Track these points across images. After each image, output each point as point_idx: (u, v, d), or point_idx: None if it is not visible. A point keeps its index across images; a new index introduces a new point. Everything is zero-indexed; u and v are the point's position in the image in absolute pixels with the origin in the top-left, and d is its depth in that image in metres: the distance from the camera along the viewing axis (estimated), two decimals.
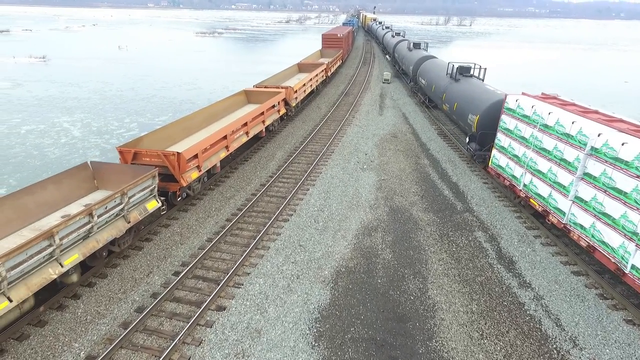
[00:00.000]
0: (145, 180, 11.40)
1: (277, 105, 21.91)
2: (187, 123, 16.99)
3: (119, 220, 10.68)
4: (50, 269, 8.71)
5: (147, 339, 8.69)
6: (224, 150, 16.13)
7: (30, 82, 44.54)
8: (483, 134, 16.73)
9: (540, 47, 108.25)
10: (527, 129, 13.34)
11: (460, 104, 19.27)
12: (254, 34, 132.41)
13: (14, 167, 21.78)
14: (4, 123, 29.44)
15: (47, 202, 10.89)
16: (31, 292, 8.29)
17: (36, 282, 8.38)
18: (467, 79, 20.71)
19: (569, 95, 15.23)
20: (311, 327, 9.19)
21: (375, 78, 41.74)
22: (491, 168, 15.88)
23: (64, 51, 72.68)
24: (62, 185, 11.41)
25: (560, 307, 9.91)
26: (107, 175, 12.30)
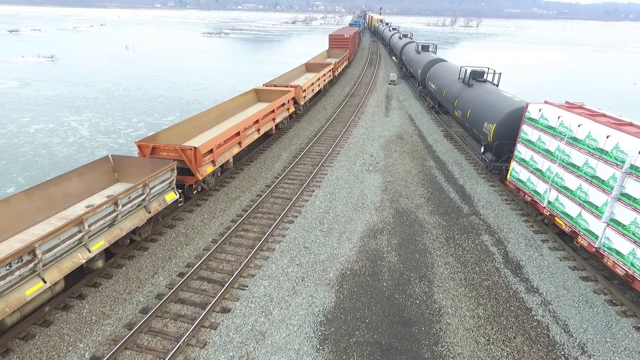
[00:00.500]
0: (165, 172, 11.99)
1: (286, 103, 22.36)
2: (199, 120, 17.52)
3: (140, 210, 11.27)
4: (79, 253, 9.35)
5: (152, 340, 8.68)
6: (237, 146, 16.72)
7: (38, 82, 44.94)
8: (500, 144, 15.66)
9: (548, 49, 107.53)
10: (553, 142, 12.23)
11: (474, 111, 18.26)
12: (260, 35, 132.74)
13: (23, 166, 21.96)
14: (14, 122, 29.71)
15: (72, 193, 11.57)
16: (62, 274, 8.91)
17: (67, 266, 9.03)
18: (480, 84, 19.74)
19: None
20: (316, 330, 9.13)
21: (381, 79, 41.63)
22: (510, 181, 14.80)
23: (72, 51, 73.29)
24: (86, 177, 12.09)
25: (569, 312, 9.78)
26: (127, 168, 12.93)
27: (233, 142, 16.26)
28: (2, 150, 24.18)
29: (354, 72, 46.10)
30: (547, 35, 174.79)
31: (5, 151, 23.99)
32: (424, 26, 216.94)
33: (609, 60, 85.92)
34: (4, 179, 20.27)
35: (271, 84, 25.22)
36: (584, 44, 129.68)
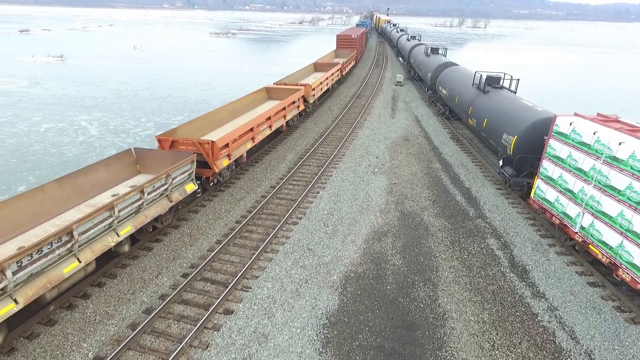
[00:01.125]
0: (186, 164, 12.67)
1: (297, 101, 23.05)
2: (214, 117, 18.27)
3: (163, 199, 12.02)
4: (109, 237, 10.07)
5: (155, 341, 8.69)
6: (251, 142, 17.38)
7: (48, 81, 45.41)
8: (522, 158, 14.49)
9: (558, 50, 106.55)
10: (587, 160, 10.94)
11: (491, 120, 17.11)
12: (267, 35, 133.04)
13: (33, 165, 22.18)
14: (25, 121, 30.04)
15: (98, 183, 12.29)
16: (95, 255, 9.64)
17: (99, 248, 9.76)
18: (497, 91, 18.64)
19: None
20: (319, 333, 9.09)
21: (387, 80, 41.49)
22: (534, 201, 13.47)
23: (81, 51, 73.98)
24: (111, 168, 12.81)
25: (575, 318, 9.64)
26: (149, 160, 13.64)
27: (247, 137, 16.95)
28: (13, 149, 24.45)
29: (361, 73, 46.00)
30: (556, 36, 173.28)
31: (16, 150, 24.26)
32: (431, 27, 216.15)
33: (620, 61, 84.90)
34: (15, 177, 20.49)
35: (281, 83, 25.90)
36: (593, 45, 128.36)
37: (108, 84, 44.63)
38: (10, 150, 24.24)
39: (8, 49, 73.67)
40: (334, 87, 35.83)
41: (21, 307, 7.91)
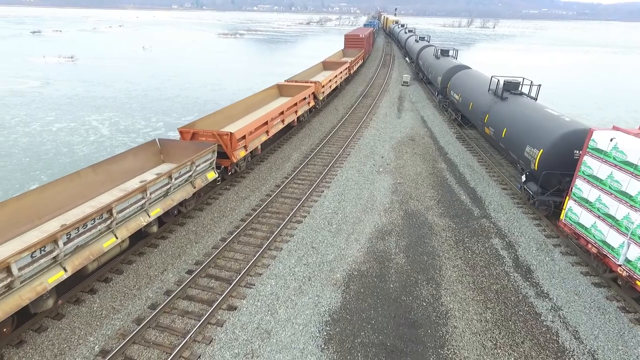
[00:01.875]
0: (207, 153, 13.71)
1: (307, 97, 24.10)
2: (230, 111, 19.30)
3: (187, 185, 13.06)
4: (141, 217, 11.09)
5: (159, 335, 8.83)
6: (265, 135, 18.42)
7: (60, 81, 46.08)
8: (548, 174, 13.10)
9: (568, 50, 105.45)
10: (633, 183, 9.55)
11: (512, 130, 15.78)
12: (275, 36, 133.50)
13: (45, 164, 22.56)
14: (38, 120, 30.55)
15: (127, 170, 13.35)
16: (129, 233, 10.59)
17: (132, 226, 10.73)
18: (516, 98, 17.34)
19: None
20: (321, 330, 9.15)
21: (394, 80, 41.44)
22: (565, 224, 12.02)
23: (91, 51, 74.93)
24: (138, 157, 13.83)
25: (579, 319, 9.59)
26: (172, 150, 14.72)
27: (262, 130, 17.96)
28: (27, 148, 24.89)
29: (367, 73, 45.99)
30: (567, 36, 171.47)
31: (29, 149, 24.69)
32: (439, 27, 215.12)
33: (632, 62, 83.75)
34: (29, 176, 20.86)
35: (292, 80, 27.13)
36: (605, 45, 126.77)
37: (118, 85, 45.16)
38: (24, 149, 24.68)
39: (20, 50, 74.88)
40: (342, 85, 36.59)
41: (69, 275, 8.91)
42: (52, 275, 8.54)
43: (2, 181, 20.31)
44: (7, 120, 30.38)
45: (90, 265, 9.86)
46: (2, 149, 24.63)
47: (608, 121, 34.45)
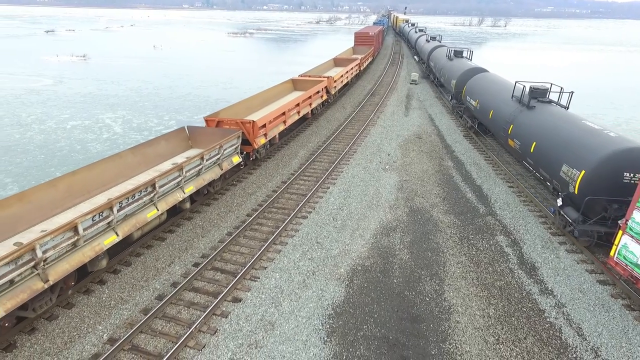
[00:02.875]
0: (233, 139, 15.09)
1: (320, 91, 25.43)
2: (248, 103, 20.66)
3: (215, 167, 14.37)
4: (177, 193, 12.47)
5: (166, 325, 9.03)
6: (282, 124, 19.75)
7: (73, 80, 46.86)
8: (592, 200, 11.29)
9: (583, 49, 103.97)
10: None
11: (543, 145, 13.77)
12: (285, 35, 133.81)
13: (59, 160, 23.02)
14: (53, 118, 31.17)
15: (160, 153, 14.71)
16: (167, 207, 11.99)
17: (170, 200, 12.17)
18: (545, 107, 15.32)
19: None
20: (324, 323, 9.27)
21: (402, 79, 41.34)
22: (617, 263, 10.14)
23: (103, 50, 76.00)
24: (169, 142, 15.21)
25: (583, 316, 9.56)
26: (199, 136, 16.05)
27: (280, 120, 19.29)
28: (42, 145, 25.43)
29: (376, 72, 45.94)
30: (581, 35, 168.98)
31: (44, 146, 25.22)
32: (450, 26, 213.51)
33: None
34: (44, 172, 21.30)
35: (306, 75, 28.60)
36: (620, 44, 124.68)
37: (130, 83, 45.77)
38: (39, 146, 25.22)
39: (34, 49, 76.24)
40: (352, 81, 37.83)
41: (120, 239, 10.25)
42: (107, 238, 9.94)
43: (19, 177, 20.80)
44: (24, 118, 31.05)
45: (136, 233, 11.16)
46: (19, 146, 25.20)
47: (623, 121, 34.02)
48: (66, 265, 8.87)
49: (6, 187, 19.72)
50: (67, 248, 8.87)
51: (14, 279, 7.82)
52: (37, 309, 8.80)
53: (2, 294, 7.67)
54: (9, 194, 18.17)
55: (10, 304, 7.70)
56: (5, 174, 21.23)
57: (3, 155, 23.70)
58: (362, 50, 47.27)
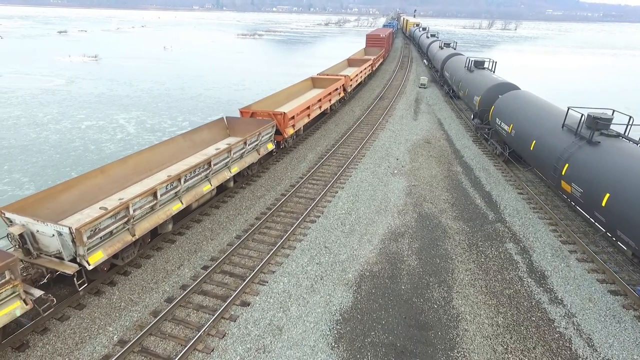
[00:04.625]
0: (269, 127, 17.21)
1: (338, 89, 27.19)
2: (274, 98, 22.50)
3: (254, 152, 16.44)
4: (225, 172, 14.45)
5: (175, 328, 9.12)
6: (307, 117, 21.73)
7: (85, 80, 47.51)
8: None
9: (597, 53, 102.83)
10: None
11: (622, 199, 10.44)
12: (294, 37, 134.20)
13: (74, 160, 23.37)
14: (69, 118, 31.66)
15: (204, 140, 16.77)
16: (218, 183, 13.98)
17: (220, 177, 14.14)
18: (613, 143, 12.05)
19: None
20: (332, 329, 9.29)
21: (411, 83, 41.24)
22: None
23: (114, 51, 76.89)
24: (211, 130, 17.36)
25: (594, 326, 9.46)
26: (236, 126, 18.08)
27: (305, 113, 21.24)
28: (57, 144, 25.84)
29: (384, 76, 45.88)
30: (593, 38, 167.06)
31: (59, 146, 25.62)
32: (460, 29, 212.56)
33: None
34: (59, 172, 21.64)
35: (324, 74, 30.65)
36: (634, 47, 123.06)
37: (143, 84, 46.29)
38: (54, 146, 25.62)
39: (48, 49, 77.38)
40: (365, 80, 39.77)
41: (183, 207, 12.22)
42: (174, 205, 11.91)
43: (36, 177, 21.16)
44: (40, 118, 31.57)
45: (194, 204, 13.13)
46: (34, 145, 25.63)
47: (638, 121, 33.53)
48: (147, 224, 10.90)
49: (23, 187, 20.07)
50: (147, 210, 10.86)
51: (113, 231, 9.81)
52: (124, 259, 10.83)
53: (105, 242, 9.71)
54: (25, 194, 18.65)
55: (110, 250, 9.80)
56: (22, 173, 21.61)
57: (20, 154, 24.13)
58: (374, 52, 49.20)
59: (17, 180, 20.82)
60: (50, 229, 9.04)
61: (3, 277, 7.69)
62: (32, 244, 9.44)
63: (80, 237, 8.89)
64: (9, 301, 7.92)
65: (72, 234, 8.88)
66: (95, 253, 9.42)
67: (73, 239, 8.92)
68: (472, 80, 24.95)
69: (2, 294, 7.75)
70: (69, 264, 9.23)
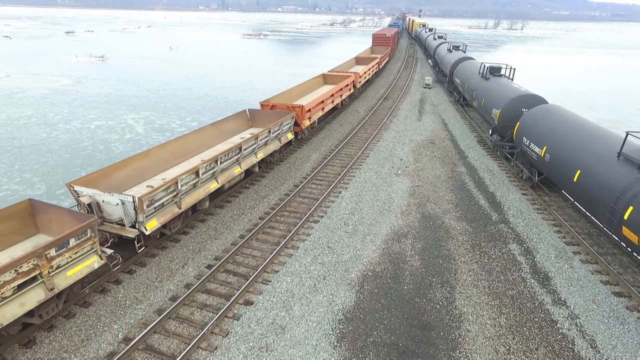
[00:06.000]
0: (289, 119, 18.75)
1: (349, 85, 28.56)
2: (290, 93, 23.92)
3: (276, 140, 18.07)
4: (252, 157, 16.11)
5: (179, 326, 9.21)
6: (321, 111, 23.22)
7: (95, 80, 47.88)
8: None
9: (606, 53, 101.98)
10: None
11: None
12: (299, 37, 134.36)
13: (83, 160, 23.58)
14: (79, 118, 31.96)
15: (230, 130, 18.42)
16: (246, 166, 15.56)
17: (248, 162, 15.75)
18: None
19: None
20: (334, 328, 9.34)
21: (416, 83, 41.18)
22: None
23: (120, 51, 77.44)
24: (235, 121, 18.88)
25: (597, 328, 9.44)
26: (258, 117, 19.63)
27: (319, 107, 22.69)
28: (67, 144, 26.10)
29: (389, 75, 45.85)
30: (601, 38, 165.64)
31: (68, 145, 25.87)
32: (466, 29, 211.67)
33: None
34: (69, 172, 21.85)
35: (334, 71, 31.92)
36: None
37: (149, 84, 46.60)
38: (64, 145, 25.87)
39: (55, 49, 78.11)
40: (372, 79, 40.91)
41: (218, 186, 13.79)
42: (211, 184, 13.46)
43: (47, 177, 21.40)
44: (51, 118, 31.91)
45: (226, 185, 14.74)
46: (44, 145, 25.91)
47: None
48: (190, 199, 12.43)
49: (34, 187, 20.30)
50: (190, 187, 12.37)
51: (164, 203, 11.33)
52: (171, 229, 12.39)
53: (158, 212, 11.23)
54: (37, 194, 18.90)
55: (162, 219, 11.34)
56: (33, 172, 21.87)
57: (30, 154, 24.41)
58: (380, 51, 50.67)
59: (29, 180, 21.07)
60: (116, 198, 10.47)
61: (85, 234, 9.04)
62: (97, 212, 10.88)
63: (141, 205, 10.34)
64: (89, 256, 9.32)
65: (134, 203, 10.28)
66: (150, 221, 10.92)
67: (135, 207, 10.35)
68: (488, 90, 22.05)
69: (85, 248, 9.14)
70: (130, 229, 10.74)
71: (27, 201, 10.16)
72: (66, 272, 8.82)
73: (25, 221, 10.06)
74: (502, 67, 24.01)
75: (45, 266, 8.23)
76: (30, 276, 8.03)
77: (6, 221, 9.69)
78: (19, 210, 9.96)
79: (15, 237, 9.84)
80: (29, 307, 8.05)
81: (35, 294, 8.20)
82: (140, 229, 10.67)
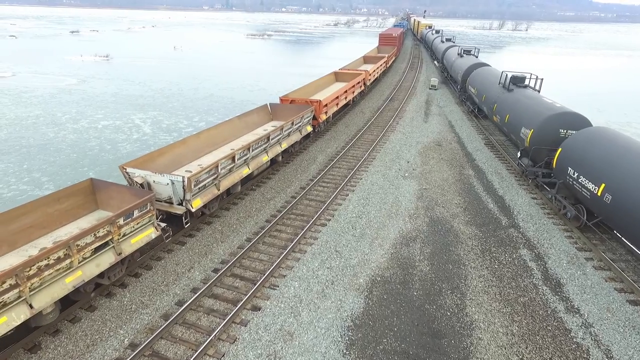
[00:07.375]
0: (309, 112, 19.98)
1: (360, 82, 29.69)
2: (306, 89, 25.39)
3: (297, 132, 19.26)
4: (277, 146, 17.24)
5: (186, 332, 9.07)
6: (336, 106, 24.53)
7: (101, 80, 47.89)
8: None
9: (612, 54, 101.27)
10: None
11: None
12: (303, 37, 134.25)
13: (91, 160, 23.51)
14: (87, 118, 31.93)
15: (254, 122, 19.44)
16: (272, 155, 16.70)
17: (274, 151, 16.92)
18: None
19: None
20: (343, 335, 9.17)
21: (422, 84, 40.94)
22: None
23: (125, 51, 77.57)
24: (258, 114, 20.01)
25: (612, 337, 9.22)
26: (279, 111, 20.62)
27: (335, 102, 24.01)
28: (74, 144, 26.05)
29: (395, 76, 45.62)
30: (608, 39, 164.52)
31: (76, 145, 25.82)
32: (470, 29, 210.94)
33: None
34: (77, 172, 21.78)
35: (345, 69, 33.58)
36: None
37: (155, 84, 46.54)
38: (71, 145, 25.83)
39: (60, 49, 78.34)
40: (379, 78, 41.97)
41: (250, 172, 15.11)
42: (243, 169, 14.63)
43: (55, 176, 21.34)
44: (59, 117, 31.90)
45: (255, 171, 16.03)
46: (52, 144, 25.87)
47: None
48: (226, 182, 13.68)
49: (42, 186, 20.23)
50: (227, 171, 13.52)
51: (206, 184, 12.56)
52: (210, 209, 13.66)
53: (201, 192, 12.41)
54: (45, 193, 18.86)
55: (204, 199, 12.55)
56: (42, 172, 21.82)
57: (38, 153, 24.37)
58: (386, 50, 52.06)
59: (37, 179, 21.01)
60: (166, 179, 11.65)
61: (145, 207, 10.16)
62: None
63: (190, 185, 11.52)
64: (147, 227, 10.47)
65: (184, 182, 11.39)
66: (195, 200, 12.11)
67: (184, 186, 11.46)
68: (513, 104, 18.86)
69: (145, 220, 10.28)
70: (178, 207, 12.00)
71: (89, 180, 11.38)
72: (130, 239, 10.01)
73: (88, 198, 11.27)
74: (526, 76, 20.71)
75: (116, 232, 9.45)
76: (104, 241, 9.23)
77: (72, 197, 10.90)
78: (83, 187, 11.18)
79: (79, 211, 11.08)
80: (103, 267, 9.31)
81: (107, 257, 9.44)
82: (187, 207, 11.84)
